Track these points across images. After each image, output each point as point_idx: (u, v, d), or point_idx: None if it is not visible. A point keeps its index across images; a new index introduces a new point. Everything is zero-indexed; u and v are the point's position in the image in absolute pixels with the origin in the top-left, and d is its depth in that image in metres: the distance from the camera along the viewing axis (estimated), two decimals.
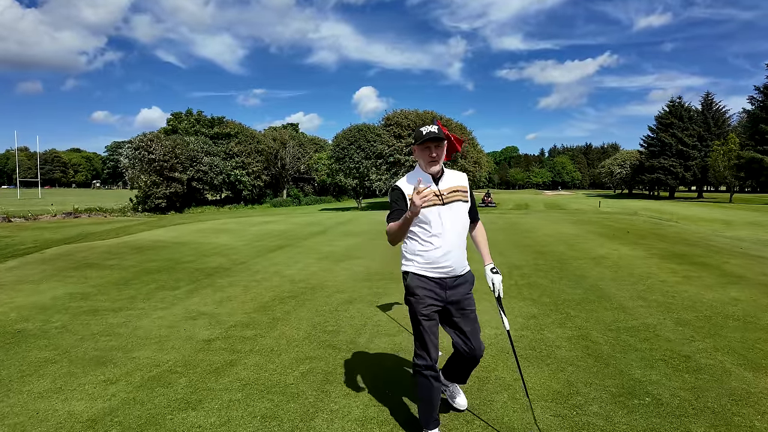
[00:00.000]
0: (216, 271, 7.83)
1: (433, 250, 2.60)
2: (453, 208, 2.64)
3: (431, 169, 2.63)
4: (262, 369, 3.80)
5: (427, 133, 2.56)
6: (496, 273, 2.83)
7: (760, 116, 48.53)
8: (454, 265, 2.64)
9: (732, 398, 3.20)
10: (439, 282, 2.64)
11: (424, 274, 2.64)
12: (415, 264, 2.66)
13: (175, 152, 40.74)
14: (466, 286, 2.75)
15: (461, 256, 2.69)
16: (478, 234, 2.94)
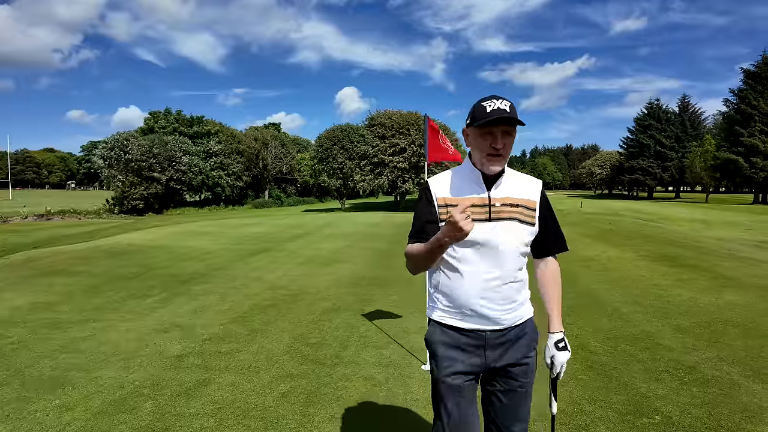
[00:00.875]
0: (192, 278, 7.41)
1: (465, 286, 1.67)
2: (503, 229, 1.66)
3: (491, 168, 1.66)
4: (239, 389, 3.46)
5: (492, 111, 1.59)
6: (564, 350, 1.79)
7: (734, 118, 49.54)
8: (497, 313, 1.68)
9: (745, 414, 2.99)
10: (473, 337, 1.70)
11: (450, 324, 1.72)
12: (438, 307, 1.76)
13: (152, 152, 39.71)
14: (521, 347, 1.74)
15: (506, 302, 1.70)
16: (548, 280, 1.84)
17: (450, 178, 1.77)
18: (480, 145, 1.67)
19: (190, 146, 45.12)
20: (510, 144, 1.67)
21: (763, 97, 47.38)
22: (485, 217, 1.66)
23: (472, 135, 1.70)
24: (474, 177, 1.71)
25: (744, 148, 47.34)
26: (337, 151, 39.85)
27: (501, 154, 1.65)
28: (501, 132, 1.63)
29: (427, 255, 1.60)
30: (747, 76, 49.59)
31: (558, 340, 1.80)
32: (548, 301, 1.86)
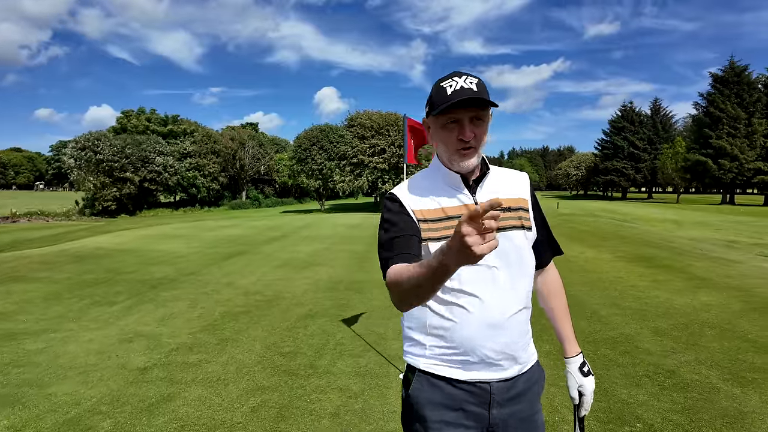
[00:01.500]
0: (161, 283, 7.11)
1: (470, 323, 1.25)
2: (503, 242, 1.28)
3: (463, 164, 1.29)
4: (205, 404, 3.26)
5: (454, 93, 1.22)
6: (590, 374, 1.46)
7: (704, 121, 51.12)
8: (506, 355, 1.28)
9: (726, 420, 2.95)
10: (475, 392, 1.28)
11: (444, 376, 1.28)
12: (425, 353, 1.32)
13: (125, 152, 38.62)
14: (532, 399, 1.36)
15: (521, 335, 1.32)
16: (553, 291, 1.52)
17: (420, 184, 1.37)
18: (445, 138, 1.29)
19: (165, 146, 44.05)
20: (483, 133, 1.29)
21: (730, 101, 48.99)
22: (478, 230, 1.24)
23: (434, 126, 1.32)
24: (450, 180, 1.32)
25: (713, 150, 48.86)
26: (316, 152, 39.50)
27: (472, 146, 1.27)
28: (469, 118, 1.25)
29: (428, 283, 1.00)
30: (715, 80, 51.22)
31: (581, 365, 1.45)
32: (559, 318, 1.50)
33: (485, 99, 1.23)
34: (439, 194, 1.33)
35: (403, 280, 1.08)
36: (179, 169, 44.31)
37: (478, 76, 1.28)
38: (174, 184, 44.13)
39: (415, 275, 1.03)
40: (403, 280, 1.08)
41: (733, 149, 47.65)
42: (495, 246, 0.85)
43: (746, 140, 47.98)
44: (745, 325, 4.73)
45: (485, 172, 1.36)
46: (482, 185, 1.34)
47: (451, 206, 1.30)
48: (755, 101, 48.47)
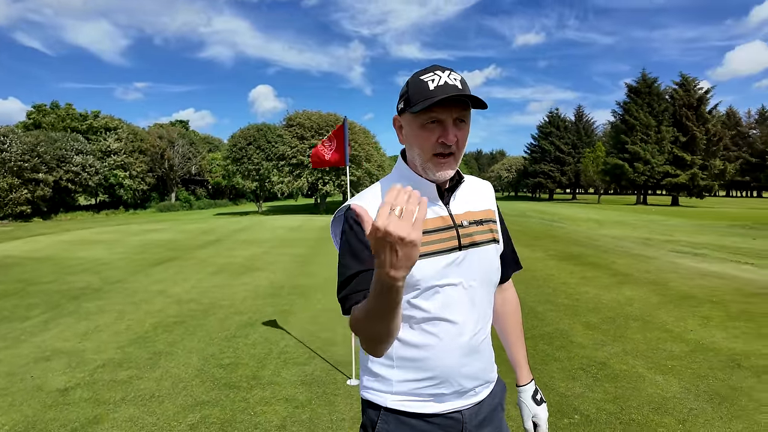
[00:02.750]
0: (83, 293, 6.54)
1: (440, 353, 1.13)
2: (479, 258, 1.19)
3: (440, 174, 1.15)
4: (138, 425, 3.01)
5: (438, 88, 1.08)
6: (543, 403, 1.38)
7: (620, 128, 55.56)
8: (480, 380, 1.20)
9: (652, 406, 3.18)
10: (447, 424, 1.17)
11: (415, 413, 1.15)
12: (392, 390, 1.16)
13: (37, 151, 35.21)
14: (498, 418, 1.28)
15: (491, 355, 1.26)
16: (510, 313, 1.44)
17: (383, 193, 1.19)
18: (422, 140, 1.12)
19: (84, 144, 40.72)
20: (465, 137, 1.15)
21: (642, 109, 53.64)
22: (455, 245, 1.14)
23: (409, 126, 1.15)
24: (423, 188, 1.17)
25: (628, 155, 53.21)
26: (253, 151, 38.32)
27: (453, 152, 1.13)
28: (453, 119, 1.10)
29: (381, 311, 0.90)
30: (630, 90, 55.86)
31: (534, 392, 1.38)
32: (513, 342, 1.41)
33: (476, 97, 1.08)
34: None
35: (364, 317, 0.97)
36: (101, 168, 41.16)
37: (459, 73, 1.14)
38: (95, 184, 40.90)
39: (373, 310, 0.92)
40: (364, 317, 0.97)
41: (646, 154, 52.18)
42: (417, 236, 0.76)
43: (656, 146, 52.71)
44: (664, 317, 5.15)
45: (459, 180, 1.23)
46: (455, 195, 1.21)
47: (427, 219, 1.14)
48: (663, 110, 53.42)
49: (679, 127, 53.13)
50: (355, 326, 1.02)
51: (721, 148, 53.46)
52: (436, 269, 1.11)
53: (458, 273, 1.14)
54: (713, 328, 4.74)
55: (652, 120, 52.99)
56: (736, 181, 76.52)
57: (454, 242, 1.14)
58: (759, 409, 3.10)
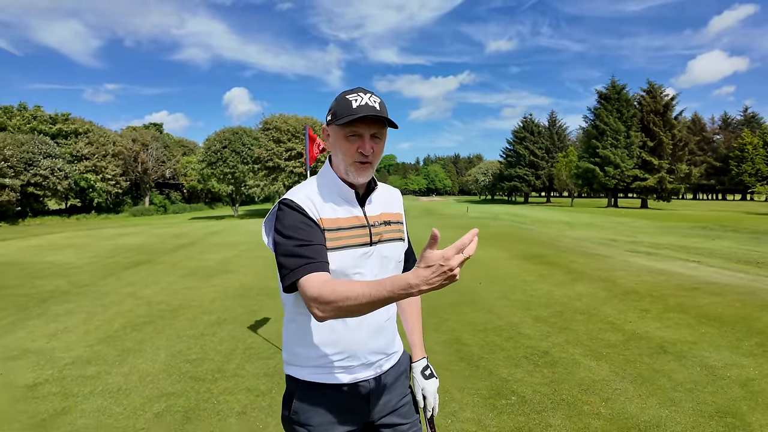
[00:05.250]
0: (51, 296, 6.60)
1: (345, 330, 1.36)
2: (385, 252, 1.42)
3: (359, 177, 1.37)
4: (105, 414, 3.20)
5: (360, 107, 1.30)
6: (432, 377, 1.59)
7: (592, 133, 57.27)
8: (383, 354, 1.45)
9: (581, 388, 3.52)
10: (356, 392, 1.40)
11: (327, 383, 1.38)
12: (306, 363, 1.39)
13: (3, 154, 34.23)
14: (401, 385, 1.53)
15: (394, 335, 1.51)
16: (411, 301, 1.67)
17: (316, 191, 1.39)
18: (345, 149, 1.35)
19: (53, 147, 39.74)
20: (380, 150, 1.38)
21: (612, 115, 55.39)
22: (366, 241, 1.37)
23: (335, 135, 1.38)
24: (344, 191, 1.39)
25: (599, 159, 54.84)
26: (228, 155, 38.08)
27: (370, 161, 1.35)
28: (370, 134, 1.34)
29: (379, 303, 1.08)
30: (600, 96, 57.66)
31: (424, 368, 1.59)
32: (412, 325, 1.64)
33: (387, 118, 1.33)
34: (334, 205, 1.38)
35: (351, 296, 1.09)
36: (71, 172, 40.21)
37: (380, 96, 1.38)
38: (65, 189, 39.92)
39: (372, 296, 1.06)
40: (351, 296, 1.09)
41: (616, 158, 53.86)
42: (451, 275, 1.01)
43: (626, 150, 54.47)
44: (607, 310, 5.56)
45: (373, 187, 1.47)
46: (370, 199, 1.44)
47: (346, 217, 1.37)
48: (632, 116, 55.30)
49: (647, 132, 55.08)
50: (343, 306, 1.11)
51: (687, 152, 55.63)
52: (350, 260, 1.34)
53: (368, 264, 1.37)
54: (649, 319, 5.16)
55: (622, 125, 54.78)
56: (702, 185, 79.60)
57: (366, 238, 1.37)
58: (675, 387, 3.48)
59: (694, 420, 3.02)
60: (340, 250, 1.32)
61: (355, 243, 1.35)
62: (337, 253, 1.32)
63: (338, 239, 1.33)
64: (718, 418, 3.03)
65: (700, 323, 4.93)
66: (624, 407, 3.20)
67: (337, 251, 1.32)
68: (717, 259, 10.81)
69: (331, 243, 1.31)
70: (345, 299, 1.11)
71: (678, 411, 3.13)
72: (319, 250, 1.26)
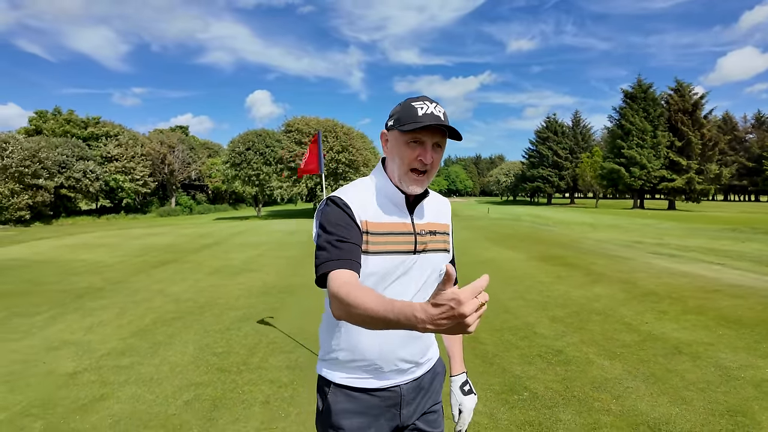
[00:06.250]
0: (86, 293, 6.97)
1: (378, 334, 1.35)
2: (429, 262, 1.42)
3: (412, 188, 1.36)
4: (139, 401, 3.44)
5: (425, 116, 1.30)
6: (470, 393, 1.57)
7: (617, 133, 56.15)
8: (415, 358, 1.42)
9: (593, 386, 3.60)
10: (387, 396, 1.40)
11: (359, 387, 1.38)
12: (341, 367, 1.39)
13: (38, 157, 35.69)
14: (434, 392, 1.50)
15: (428, 339, 1.48)
16: None
17: (366, 193, 1.38)
18: (404, 155, 1.34)
19: (86, 150, 41.25)
20: (439, 160, 1.37)
21: (638, 114, 54.17)
22: (410, 249, 1.36)
23: (395, 141, 1.36)
24: (395, 196, 1.38)
25: (625, 159, 53.70)
26: (252, 156, 38.81)
27: (427, 170, 1.35)
28: (432, 143, 1.33)
29: (382, 324, 1.02)
30: (626, 95, 56.46)
31: (463, 383, 1.57)
32: (451, 339, 1.61)
33: (453, 129, 1.32)
34: (383, 208, 1.36)
35: (361, 306, 1.05)
36: (101, 174, 41.63)
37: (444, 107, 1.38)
38: (96, 190, 41.37)
39: (379, 313, 1.00)
40: (361, 306, 1.05)
41: (642, 158, 52.66)
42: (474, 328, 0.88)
43: (652, 150, 53.20)
44: (624, 311, 5.57)
45: (424, 194, 1.44)
46: (420, 207, 1.43)
47: (393, 222, 1.35)
48: (659, 115, 53.97)
49: (675, 132, 53.68)
50: (349, 306, 1.08)
51: (717, 152, 53.99)
52: (393, 266, 1.32)
53: (410, 272, 1.36)
54: (667, 320, 5.16)
55: (648, 125, 53.53)
56: (734, 185, 77.07)
57: (410, 246, 1.36)
58: (687, 387, 3.52)
59: (704, 418, 3.06)
60: (383, 255, 1.31)
61: (399, 249, 1.34)
62: (380, 258, 1.31)
63: (383, 243, 1.32)
64: (728, 416, 3.07)
65: (718, 325, 4.91)
66: (634, 404, 3.27)
67: (381, 255, 1.31)
68: (746, 262, 10.56)
69: (376, 247, 1.31)
70: (355, 306, 1.07)
71: (688, 409, 3.18)
72: (353, 249, 1.25)
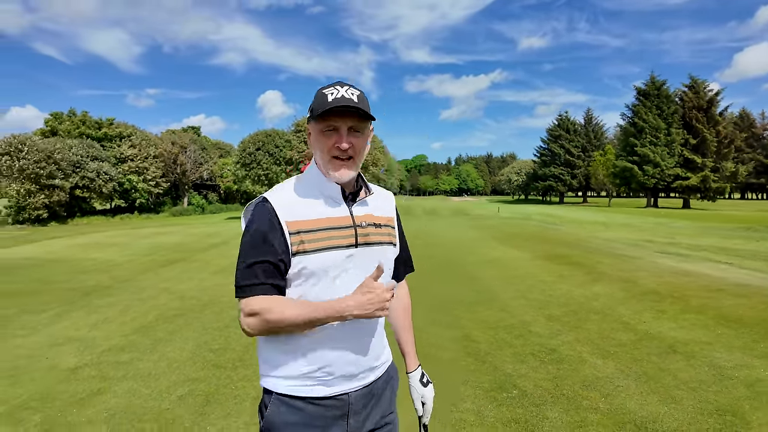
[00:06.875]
0: (94, 290, 7.12)
1: (332, 339, 1.28)
2: (373, 256, 1.33)
3: (337, 174, 1.30)
4: (135, 395, 3.53)
5: (335, 100, 1.25)
6: (429, 384, 1.55)
7: (629, 131, 55.47)
8: (365, 363, 1.35)
9: (583, 384, 3.60)
10: (334, 405, 1.30)
11: (303, 396, 1.28)
12: (285, 375, 1.29)
13: (54, 158, 36.39)
14: (386, 400, 1.43)
15: (379, 342, 1.41)
16: (403, 309, 1.60)
17: (295, 190, 1.34)
18: (322, 144, 1.29)
19: (100, 151, 41.95)
20: (360, 145, 1.30)
21: (651, 112, 53.43)
22: (351, 243, 1.29)
23: (314, 133, 1.33)
24: (329, 189, 1.32)
25: (638, 157, 53.01)
26: (262, 156, 39.12)
27: (350, 155, 1.28)
28: (347, 127, 1.27)
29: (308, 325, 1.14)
30: (639, 93, 55.71)
31: (421, 377, 1.54)
32: (403, 335, 1.57)
33: (363, 110, 1.25)
34: (317, 204, 1.31)
35: (277, 318, 1.17)
36: (115, 175, 42.31)
37: (361, 90, 1.30)
38: (109, 191, 42.04)
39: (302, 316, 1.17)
40: (277, 318, 1.17)
41: (655, 156, 51.93)
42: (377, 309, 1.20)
43: (666, 148, 52.43)
44: (622, 310, 5.54)
45: (362, 187, 1.39)
46: (359, 199, 1.36)
47: (330, 217, 1.29)
48: (673, 113, 53.16)
49: (689, 129, 52.86)
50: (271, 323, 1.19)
51: (733, 150, 53.05)
52: (333, 262, 1.26)
53: (352, 267, 1.29)
54: (665, 320, 5.12)
55: (662, 122, 52.78)
56: (751, 183, 75.68)
57: (351, 239, 1.29)
58: (678, 386, 3.51)
59: (692, 417, 3.05)
60: (321, 252, 1.25)
61: (339, 244, 1.27)
62: (320, 255, 1.25)
63: (320, 240, 1.26)
64: (717, 415, 3.06)
65: (717, 324, 4.86)
66: (623, 403, 3.27)
67: (320, 252, 1.25)
68: (758, 262, 10.39)
69: (313, 244, 1.25)
70: (281, 320, 1.18)
71: (677, 408, 3.17)
72: (274, 270, 1.24)
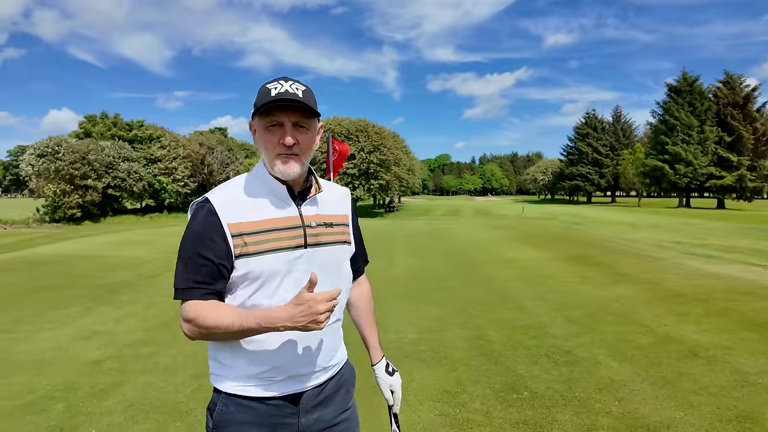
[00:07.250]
0: (120, 287, 7.37)
1: (282, 340, 1.23)
2: (325, 255, 1.30)
3: (283, 170, 1.23)
4: (152, 388, 3.64)
5: (278, 95, 1.19)
6: (395, 372, 1.54)
7: (660, 129, 53.83)
8: (318, 363, 1.31)
9: (597, 387, 3.52)
10: (284, 405, 1.28)
11: (253, 396, 1.25)
12: (233, 374, 1.26)
13: (87, 159, 37.77)
14: (341, 398, 1.40)
15: (333, 348, 1.37)
16: (365, 305, 1.59)
17: (239, 189, 1.27)
18: (266, 140, 1.23)
19: (130, 152, 43.32)
20: (308, 142, 1.25)
21: (683, 109, 51.70)
22: (299, 243, 1.24)
23: (258, 129, 1.27)
24: (275, 188, 1.26)
25: (669, 156, 51.37)
26: None
27: (295, 152, 1.22)
28: (292, 123, 1.22)
29: (241, 334, 1.13)
30: (670, 89, 53.98)
31: (386, 366, 1.54)
32: (366, 330, 1.57)
33: (306, 105, 1.20)
34: (263, 204, 1.25)
35: (213, 325, 1.13)
36: (145, 175, 43.62)
37: (306, 85, 1.27)
38: (139, 190, 43.36)
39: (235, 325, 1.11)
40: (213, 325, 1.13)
41: (688, 155, 50.23)
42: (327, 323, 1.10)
43: (699, 147, 50.66)
44: (644, 312, 5.39)
45: (311, 184, 1.33)
46: (311, 199, 1.31)
47: (276, 218, 1.24)
48: (706, 110, 51.30)
49: (724, 126, 50.96)
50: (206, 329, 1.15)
51: None
52: (280, 264, 1.21)
53: (301, 268, 1.24)
54: (687, 323, 4.96)
55: (695, 120, 51.02)
56: None
57: (300, 240, 1.24)
58: (697, 391, 3.40)
59: (709, 423, 2.96)
60: (267, 254, 1.21)
61: (286, 246, 1.22)
62: (263, 258, 1.20)
63: (265, 242, 1.21)
64: (736, 422, 2.95)
65: (742, 328, 4.69)
66: (637, 407, 3.19)
67: (264, 255, 1.20)
68: None
69: (256, 247, 1.20)
70: (215, 327, 1.14)
71: (694, 414, 3.07)
72: (214, 273, 1.20)
